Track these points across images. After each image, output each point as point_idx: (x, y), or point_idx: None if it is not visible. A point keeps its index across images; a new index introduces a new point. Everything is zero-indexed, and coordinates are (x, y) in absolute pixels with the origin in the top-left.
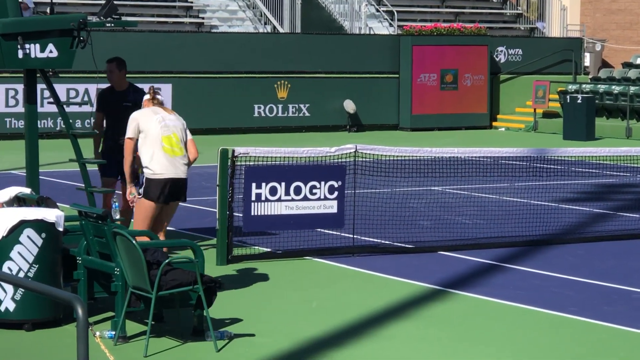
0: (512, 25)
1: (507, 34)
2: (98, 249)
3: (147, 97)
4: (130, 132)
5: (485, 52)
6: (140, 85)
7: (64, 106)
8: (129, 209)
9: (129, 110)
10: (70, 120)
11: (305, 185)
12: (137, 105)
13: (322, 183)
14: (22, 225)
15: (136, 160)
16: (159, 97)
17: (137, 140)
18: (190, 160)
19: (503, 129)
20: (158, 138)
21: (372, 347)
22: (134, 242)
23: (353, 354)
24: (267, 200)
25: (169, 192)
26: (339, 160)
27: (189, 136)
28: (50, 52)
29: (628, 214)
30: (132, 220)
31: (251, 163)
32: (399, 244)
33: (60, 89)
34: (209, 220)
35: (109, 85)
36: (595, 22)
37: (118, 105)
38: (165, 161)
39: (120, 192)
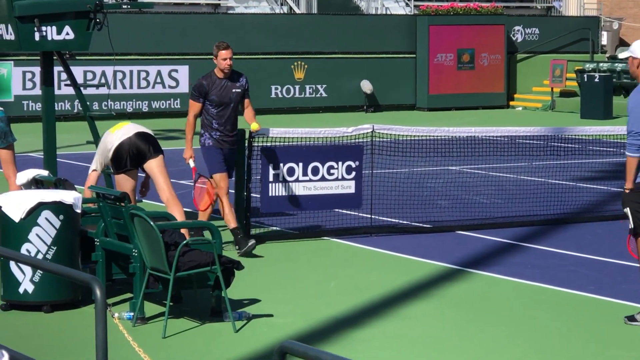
0: (528, 4)
1: (524, 13)
2: (116, 231)
3: None
4: (94, 164)
5: (502, 31)
6: (156, 68)
7: (81, 88)
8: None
9: (239, 97)
10: (87, 103)
11: (323, 165)
12: (246, 91)
13: (340, 163)
14: (40, 207)
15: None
16: None
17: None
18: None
19: (520, 109)
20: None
21: (390, 327)
22: (151, 223)
23: (371, 333)
24: (284, 180)
25: (130, 154)
26: (357, 140)
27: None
28: (67, 34)
29: None
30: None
31: (268, 144)
32: (417, 224)
33: (77, 71)
34: None
35: (209, 72)
36: (612, 0)
37: (229, 92)
38: (113, 136)
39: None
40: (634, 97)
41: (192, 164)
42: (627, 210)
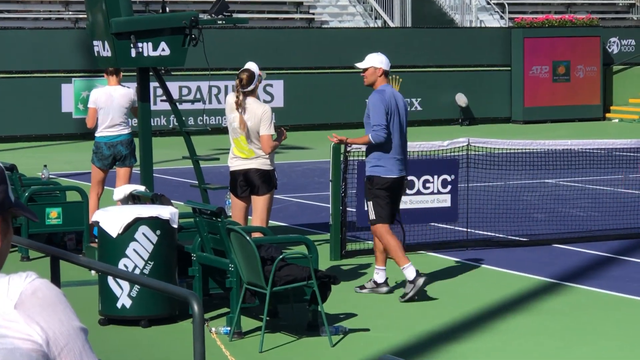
0: (624, 15)
1: (620, 24)
2: (212, 246)
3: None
4: None
5: (597, 43)
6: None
7: (177, 104)
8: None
9: None
10: (183, 118)
11: (419, 179)
12: None
13: (435, 177)
14: (137, 222)
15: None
16: (247, 89)
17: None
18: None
19: (616, 121)
20: (230, 137)
21: (488, 341)
22: (247, 238)
23: (468, 347)
24: None
25: (240, 185)
26: (452, 154)
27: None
28: (163, 50)
29: None
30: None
31: (364, 158)
32: (513, 237)
33: (173, 86)
34: (323, 216)
35: None
36: None
37: None
38: (231, 159)
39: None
40: (374, 97)
41: None
42: (370, 203)
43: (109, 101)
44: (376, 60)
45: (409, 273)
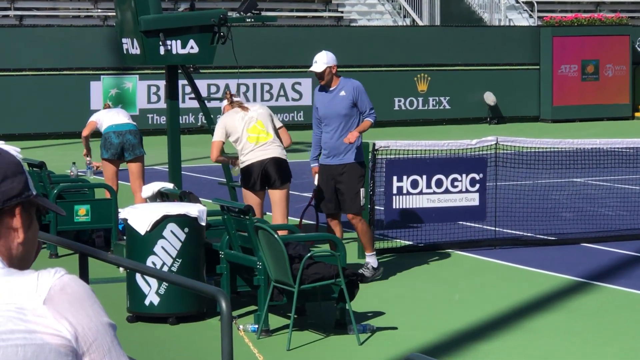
0: None
1: None
2: (240, 243)
3: (225, 102)
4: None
5: (627, 42)
6: (279, 81)
7: (205, 102)
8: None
9: None
10: (211, 116)
11: (447, 178)
12: None
13: (464, 175)
14: (165, 220)
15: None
16: (235, 99)
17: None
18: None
19: None
20: (244, 133)
21: (516, 340)
22: (276, 236)
23: (496, 346)
24: (408, 193)
25: (261, 177)
26: (480, 152)
27: (278, 124)
28: (191, 48)
29: None
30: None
31: (392, 156)
32: (541, 236)
33: (201, 84)
34: None
35: None
36: None
37: None
38: (249, 145)
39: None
40: (357, 84)
41: None
42: (363, 190)
43: (113, 110)
44: (329, 60)
45: (375, 260)
